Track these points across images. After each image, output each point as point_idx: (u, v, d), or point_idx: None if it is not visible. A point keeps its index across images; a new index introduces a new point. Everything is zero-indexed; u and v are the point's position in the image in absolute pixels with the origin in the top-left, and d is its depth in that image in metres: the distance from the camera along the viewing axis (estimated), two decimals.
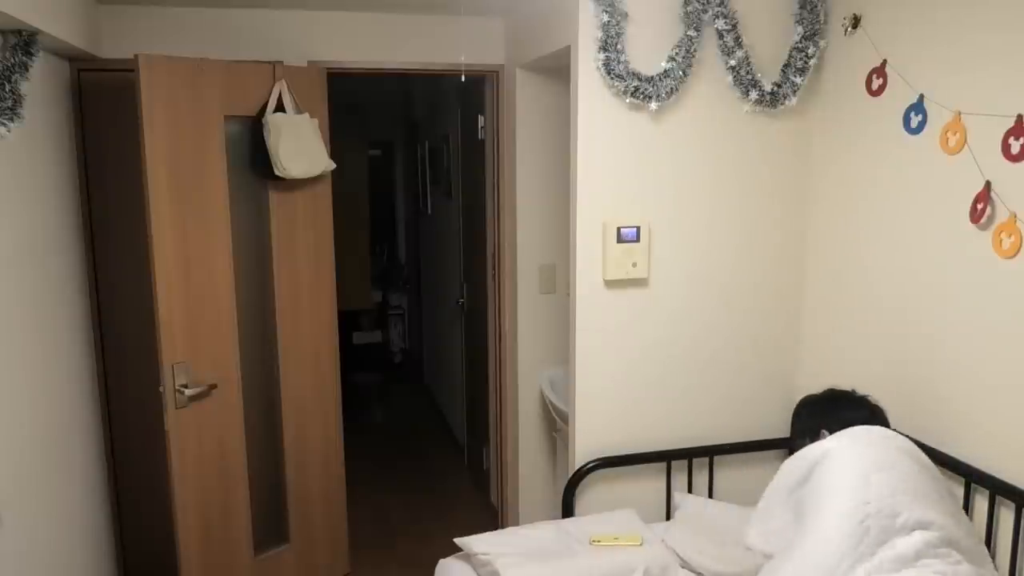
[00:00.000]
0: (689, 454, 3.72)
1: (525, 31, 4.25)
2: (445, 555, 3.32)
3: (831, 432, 2.84)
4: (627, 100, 3.42)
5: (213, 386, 3.92)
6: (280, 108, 4.00)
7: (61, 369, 3.70)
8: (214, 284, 3.89)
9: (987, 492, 2.83)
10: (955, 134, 2.89)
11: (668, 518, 3.68)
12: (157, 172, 3.62)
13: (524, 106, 4.51)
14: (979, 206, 2.78)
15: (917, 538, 2.44)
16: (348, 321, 8.52)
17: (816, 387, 3.69)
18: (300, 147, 3.98)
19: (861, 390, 3.39)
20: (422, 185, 8.25)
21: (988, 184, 2.75)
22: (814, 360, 3.76)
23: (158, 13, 4.18)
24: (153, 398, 3.92)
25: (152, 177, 3.60)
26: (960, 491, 2.94)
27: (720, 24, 3.42)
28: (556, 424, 4.46)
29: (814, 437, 2.99)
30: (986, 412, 2.84)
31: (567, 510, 3.64)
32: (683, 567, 3.08)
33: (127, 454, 4.41)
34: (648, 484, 3.75)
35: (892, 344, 3.28)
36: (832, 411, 3.00)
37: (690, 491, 3.73)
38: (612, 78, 3.37)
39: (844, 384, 3.37)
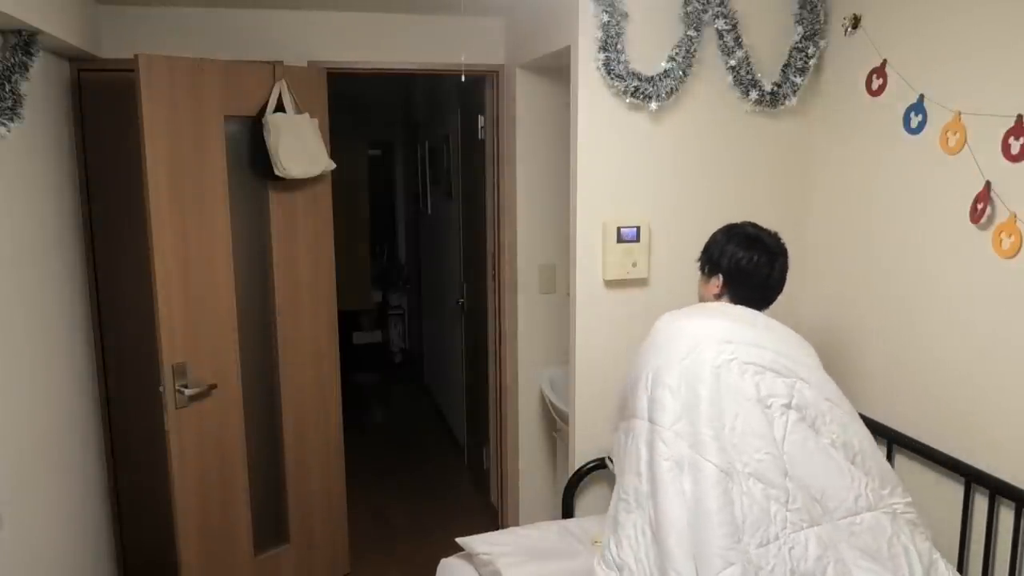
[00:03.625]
0: None
1: (525, 31, 4.25)
2: (446, 555, 3.32)
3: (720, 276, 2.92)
4: (627, 100, 3.43)
5: (213, 386, 3.91)
6: (280, 108, 3.99)
7: (61, 369, 3.71)
8: (214, 284, 3.89)
9: (987, 492, 2.83)
10: (955, 134, 2.89)
11: None
12: (157, 172, 3.62)
13: (524, 106, 4.50)
14: (979, 206, 2.78)
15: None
16: (348, 321, 8.52)
17: None
18: (300, 147, 3.97)
19: (860, 389, 3.39)
20: (422, 185, 8.24)
21: (988, 184, 2.75)
22: None
23: (158, 13, 4.18)
24: (153, 398, 3.91)
25: (152, 177, 3.60)
26: (960, 491, 2.95)
27: (720, 24, 3.42)
28: (556, 424, 4.45)
29: (703, 271, 3.03)
30: (986, 412, 2.84)
31: (567, 510, 3.65)
32: None
33: (127, 454, 4.40)
34: None
35: (892, 343, 3.28)
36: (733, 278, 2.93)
37: None
38: (612, 78, 3.38)
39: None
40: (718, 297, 2.94)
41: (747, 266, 2.86)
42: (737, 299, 2.91)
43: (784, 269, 2.92)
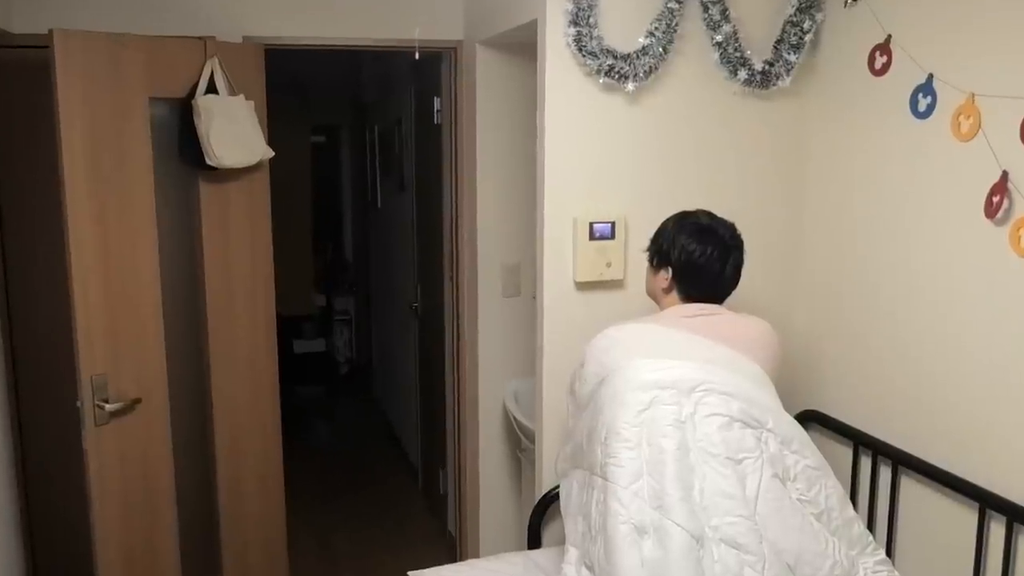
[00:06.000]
0: None
1: (486, 3, 4.22)
2: None
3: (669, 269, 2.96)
4: (601, 80, 3.38)
5: (137, 400, 3.84)
6: (212, 89, 3.93)
7: None
8: (138, 286, 3.82)
9: (1004, 519, 2.78)
10: (968, 118, 2.85)
11: None
12: (74, 162, 3.54)
13: (485, 87, 4.47)
14: (995, 198, 2.75)
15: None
16: (288, 328, 8.49)
17: (809, 393, 3.68)
18: (234, 133, 3.93)
19: (858, 402, 3.35)
20: (371, 175, 8.34)
21: (1005, 174, 2.72)
22: (809, 365, 3.73)
23: None
24: (70, 413, 3.87)
25: (69, 167, 3.52)
26: (974, 518, 2.89)
27: None
28: (521, 443, 4.44)
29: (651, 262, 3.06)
30: (1003, 429, 2.80)
31: (533, 539, 3.62)
32: None
33: (42, 474, 4.38)
34: None
35: (895, 349, 3.25)
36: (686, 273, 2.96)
37: None
38: (584, 55, 3.32)
39: (829, 402, 3.34)
40: (667, 292, 2.99)
41: (699, 259, 2.89)
42: (687, 295, 2.95)
43: (739, 264, 2.96)
